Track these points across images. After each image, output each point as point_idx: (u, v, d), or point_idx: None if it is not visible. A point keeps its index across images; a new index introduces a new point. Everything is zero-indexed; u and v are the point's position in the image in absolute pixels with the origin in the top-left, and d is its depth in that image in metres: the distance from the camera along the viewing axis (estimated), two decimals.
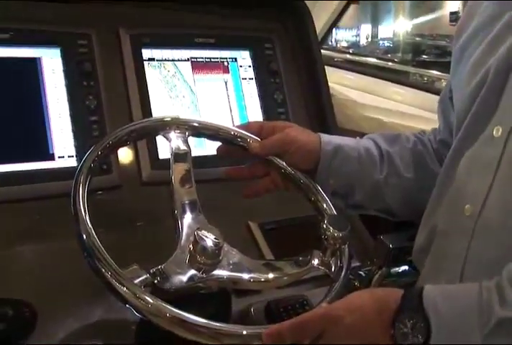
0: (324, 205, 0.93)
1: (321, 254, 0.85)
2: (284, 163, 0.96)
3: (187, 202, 0.88)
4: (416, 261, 0.92)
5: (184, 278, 0.79)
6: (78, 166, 0.98)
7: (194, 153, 0.92)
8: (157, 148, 1.11)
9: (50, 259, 0.95)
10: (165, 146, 0.94)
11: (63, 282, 0.91)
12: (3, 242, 0.93)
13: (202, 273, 0.80)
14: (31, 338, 0.84)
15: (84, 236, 0.75)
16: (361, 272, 1.00)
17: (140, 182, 1.07)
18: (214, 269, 0.81)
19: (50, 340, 0.86)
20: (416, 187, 0.95)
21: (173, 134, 0.92)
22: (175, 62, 1.19)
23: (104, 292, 0.81)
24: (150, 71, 1.16)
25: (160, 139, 0.99)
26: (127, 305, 0.72)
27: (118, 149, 0.93)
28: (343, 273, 0.84)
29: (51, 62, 1.06)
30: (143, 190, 1.07)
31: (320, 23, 1.60)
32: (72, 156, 1.03)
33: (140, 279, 0.75)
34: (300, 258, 0.86)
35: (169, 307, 0.70)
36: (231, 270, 0.82)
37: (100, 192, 1.02)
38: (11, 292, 0.86)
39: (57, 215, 0.95)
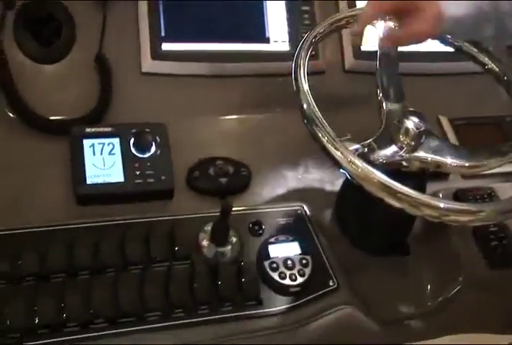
0: None
1: None
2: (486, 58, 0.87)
3: (391, 88, 0.83)
4: None
5: (389, 153, 0.76)
6: (290, 50, 0.98)
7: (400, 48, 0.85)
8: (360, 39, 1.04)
9: (268, 127, 0.95)
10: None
11: (275, 149, 0.92)
12: (229, 110, 0.95)
13: (405, 152, 0.76)
14: (246, 191, 0.87)
15: (305, 105, 0.74)
16: None
17: (343, 69, 1.03)
18: (416, 150, 0.77)
19: (260, 198, 0.88)
20: None
21: (381, 24, 0.85)
22: None
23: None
24: None
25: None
26: (340, 170, 0.70)
27: (327, 37, 0.88)
28: None
29: None
30: (345, 76, 1.03)
31: None
32: (285, 41, 1.01)
33: (353, 147, 0.73)
34: (501, 148, 0.79)
35: (377, 173, 0.67)
36: (435, 153, 0.77)
37: None
38: (232, 154, 0.89)
39: (271, 90, 0.96)
